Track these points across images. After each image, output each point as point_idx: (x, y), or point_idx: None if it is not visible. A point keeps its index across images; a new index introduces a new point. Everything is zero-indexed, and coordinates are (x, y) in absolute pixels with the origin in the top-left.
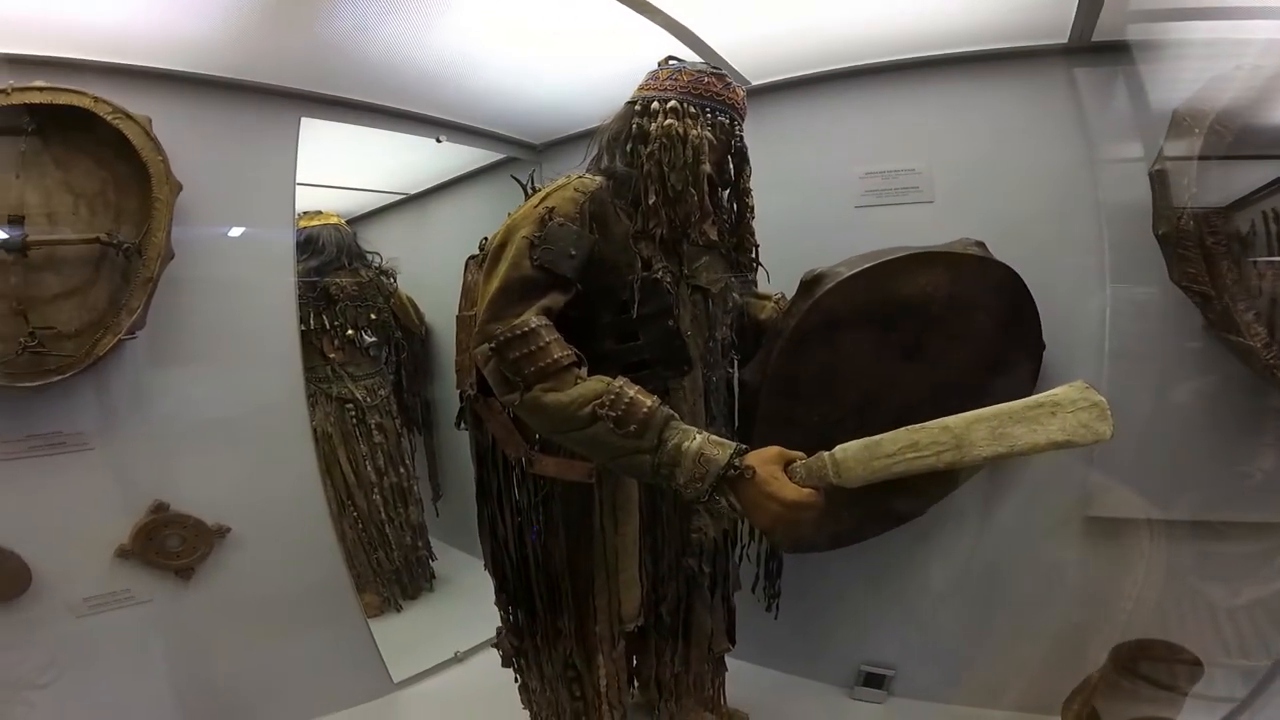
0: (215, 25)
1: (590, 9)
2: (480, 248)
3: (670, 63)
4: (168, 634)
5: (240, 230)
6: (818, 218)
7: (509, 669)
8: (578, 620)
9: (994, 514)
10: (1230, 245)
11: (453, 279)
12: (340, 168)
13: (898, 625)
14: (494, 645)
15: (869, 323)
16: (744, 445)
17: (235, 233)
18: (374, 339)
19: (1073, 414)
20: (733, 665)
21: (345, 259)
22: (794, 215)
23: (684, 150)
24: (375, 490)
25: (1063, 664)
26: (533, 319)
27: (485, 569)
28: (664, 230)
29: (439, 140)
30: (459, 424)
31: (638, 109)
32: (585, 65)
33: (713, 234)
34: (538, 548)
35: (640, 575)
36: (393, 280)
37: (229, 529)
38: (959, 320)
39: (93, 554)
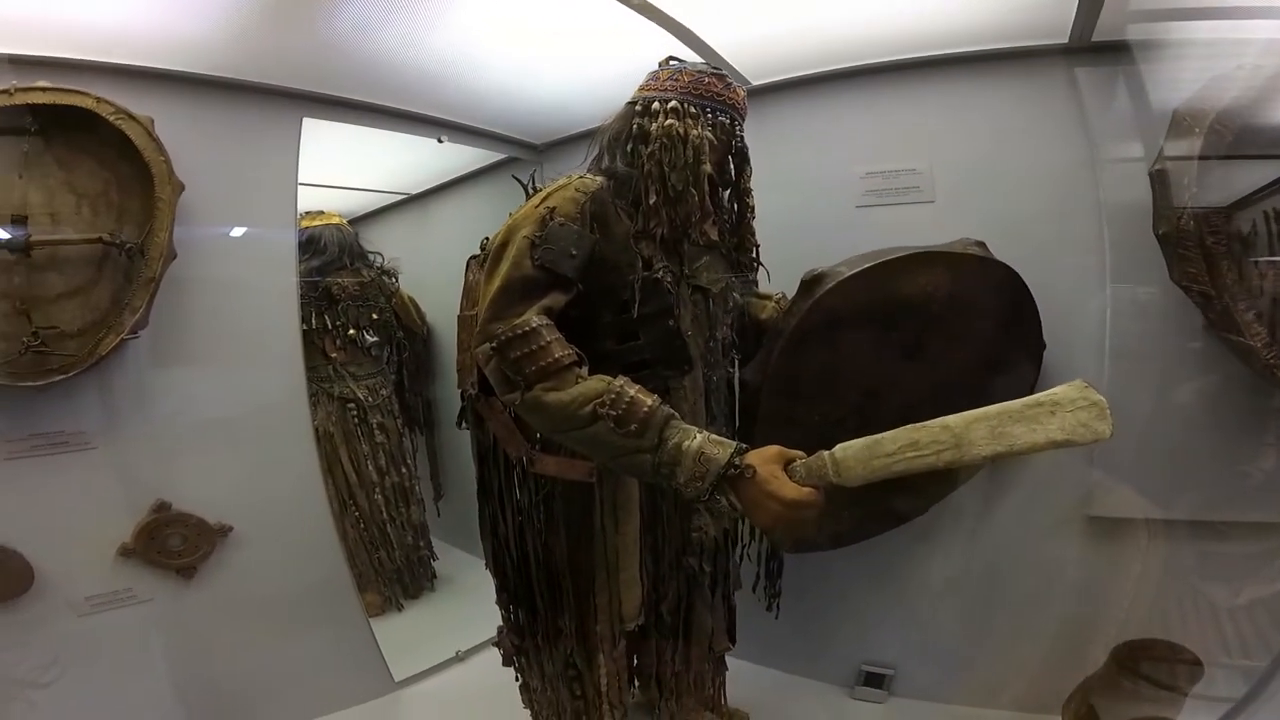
0: (217, 26)
1: (591, 9)
2: (481, 247)
3: (671, 63)
4: (169, 633)
5: (242, 230)
6: (818, 218)
7: (510, 668)
8: (578, 619)
9: (995, 514)
10: (1231, 245)
11: (454, 279)
12: (342, 168)
13: (898, 625)
14: (495, 644)
15: (870, 322)
16: (744, 444)
17: (237, 233)
18: (376, 339)
19: (1072, 413)
20: (733, 664)
21: (347, 259)
22: (794, 215)
23: (685, 150)
24: (377, 490)
25: (1063, 664)
26: (534, 318)
27: (486, 568)
28: (665, 230)
29: (440, 140)
30: (460, 423)
31: (638, 109)
32: (586, 65)
33: (713, 234)
34: (539, 546)
35: (641, 574)
36: (394, 280)
37: (231, 528)
38: (959, 320)
39: (95, 553)
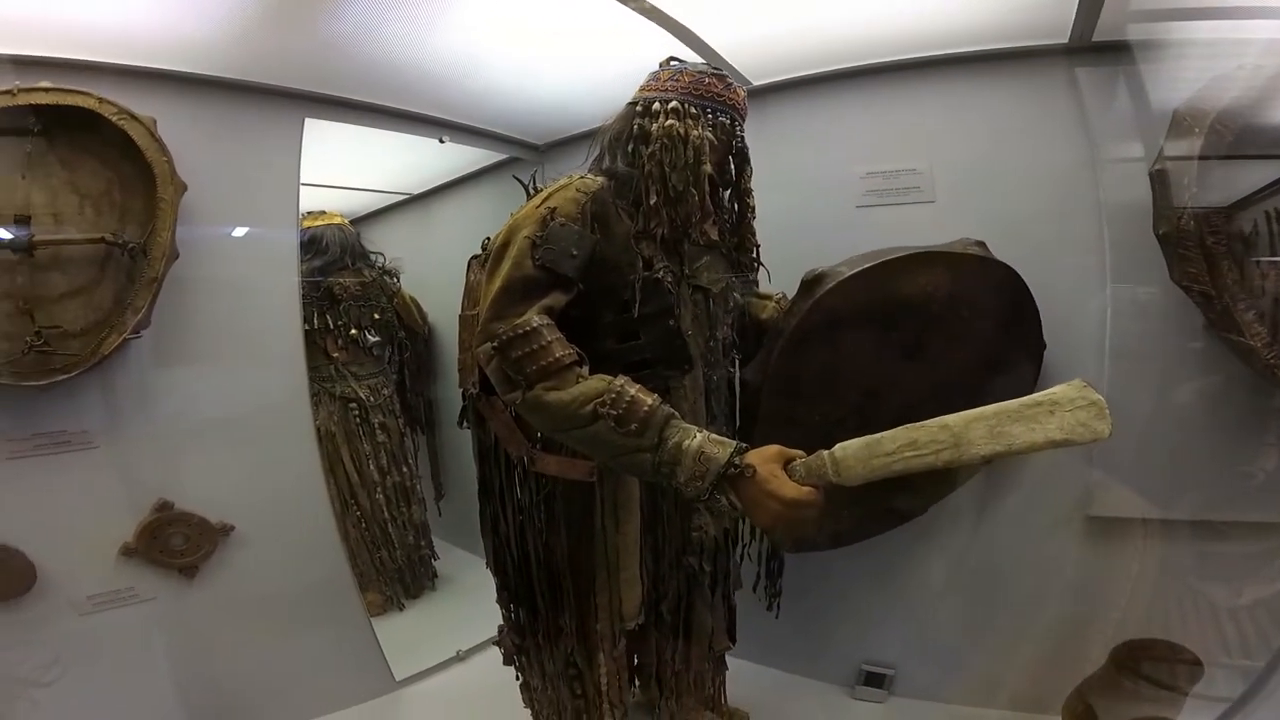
0: (220, 26)
1: (591, 9)
2: (483, 247)
3: (671, 63)
4: (171, 632)
5: (244, 230)
6: (818, 218)
7: (511, 667)
8: (579, 618)
9: (994, 513)
10: (1231, 245)
11: (455, 279)
12: (344, 168)
13: (898, 624)
14: (496, 644)
15: (870, 322)
16: (744, 444)
17: (239, 233)
18: (377, 338)
19: (1071, 413)
20: (733, 664)
21: (349, 259)
22: (795, 215)
23: (685, 150)
24: (378, 489)
25: (1063, 663)
26: (535, 318)
27: (487, 567)
28: (665, 230)
29: (442, 140)
30: (461, 423)
31: (639, 110)
32: (587, 66)
33: (714, 234)
34: (539, 546)
35: (641, 573)
36: (396, 280)
37: (233, 527)
38: (959, 320)
39: (97, 552)
